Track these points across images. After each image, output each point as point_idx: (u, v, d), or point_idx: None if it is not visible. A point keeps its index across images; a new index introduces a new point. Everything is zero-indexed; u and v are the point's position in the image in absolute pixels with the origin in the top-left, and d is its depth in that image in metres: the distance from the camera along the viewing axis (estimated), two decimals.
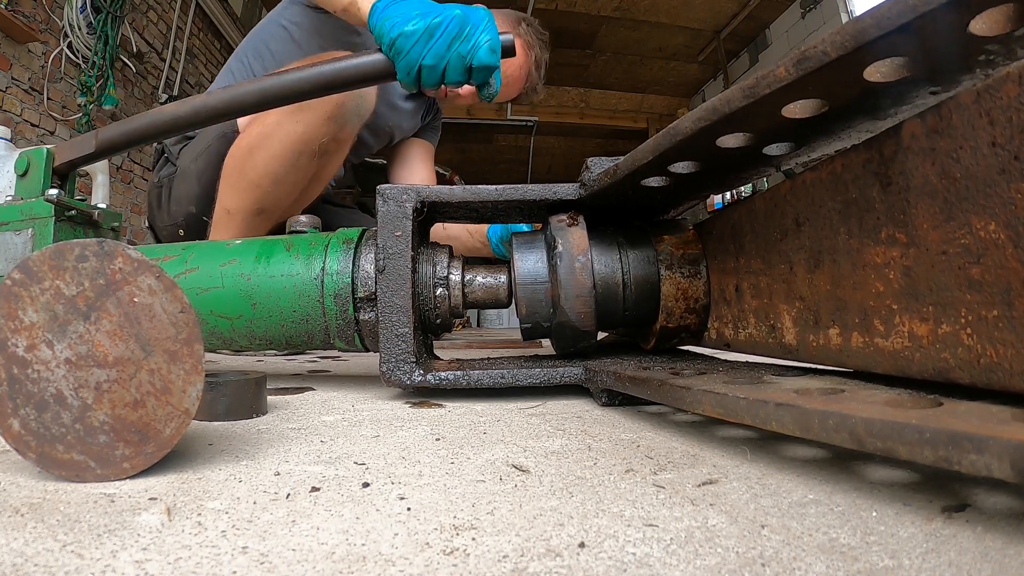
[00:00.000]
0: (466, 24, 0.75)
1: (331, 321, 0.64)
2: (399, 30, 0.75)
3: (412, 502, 0.29)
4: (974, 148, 0.31)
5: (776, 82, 0.36)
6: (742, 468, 0.35)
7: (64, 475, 0.31)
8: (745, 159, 0.50)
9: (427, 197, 0.64)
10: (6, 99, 2.58)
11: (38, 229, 0.74)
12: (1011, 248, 0.30)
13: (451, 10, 0.76)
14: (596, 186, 0.60)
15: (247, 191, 1.14)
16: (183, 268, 0.67)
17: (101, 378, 0.31)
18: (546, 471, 0.35)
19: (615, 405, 0.57)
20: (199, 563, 0.22)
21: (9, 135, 1.10)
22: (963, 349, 0.34)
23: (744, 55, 4.79)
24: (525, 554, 0.23)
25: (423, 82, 0.78)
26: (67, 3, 2.88)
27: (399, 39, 0.74)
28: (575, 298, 0.58)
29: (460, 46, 0.75)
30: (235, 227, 1.16)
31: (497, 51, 0.77)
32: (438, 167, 4.94)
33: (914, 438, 0.23)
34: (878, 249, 0.40)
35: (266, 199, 1.15)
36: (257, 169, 1.13)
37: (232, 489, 0.31)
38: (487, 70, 0.78)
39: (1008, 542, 0.23)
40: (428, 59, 0.75)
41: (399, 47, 0.75)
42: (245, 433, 0.44)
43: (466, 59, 0.76)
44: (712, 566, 0.21)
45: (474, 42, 0.75)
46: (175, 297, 0.32)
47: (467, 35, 0.75)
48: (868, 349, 0.42)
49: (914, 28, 0.30)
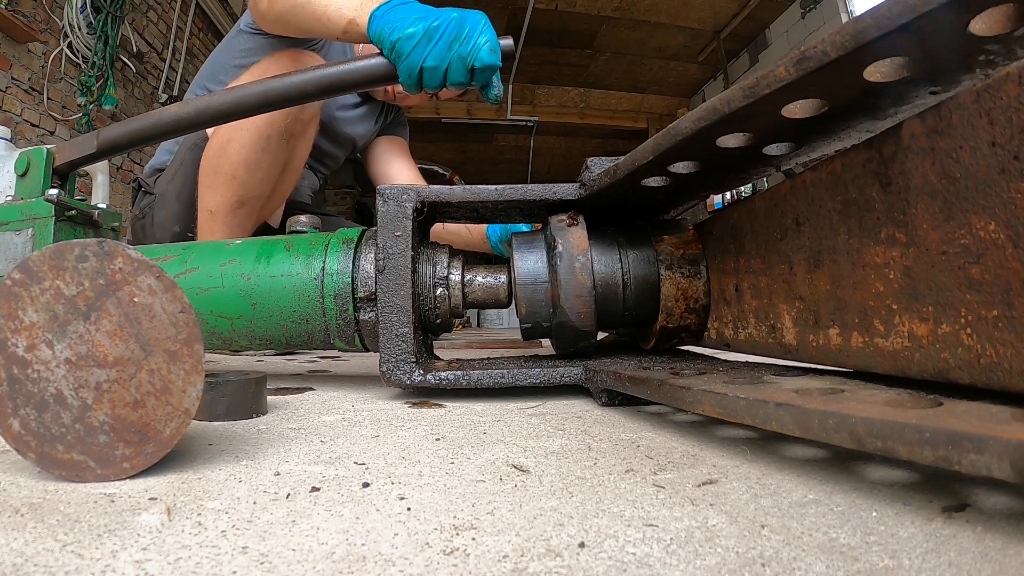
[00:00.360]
0: (464, 26, 0.77)
1: (331, 321, 0.64)
2: (399, 34, 0.76)
3: (412, 502, 0.29)
4: (974, 148, 0.31)
5: (776, 82, 0.36)
6: (742, 468, 0.35)
7: (64, 475, 0.31)
8: (745, 159, 0.50)
9: (427, 197, 0.64)
10: (6, 99, 2.58)
11: (38, 229, 0.74)
12: (1011, 248, 0.30)
13: (448, 13, 0.77)
14: (596, 186, 0.60)
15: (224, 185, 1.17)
16: (183, 268, 0.67)
17: (101, 378, 0.31)
18: (546, 471, 0.35)
19: (615, 405, 0.57)
20: (199, 563, 0.22)
21: (9, 135, 1.10)
22: (963, 349, 0.34)
23: (744, 55, 4.79)
24: (525, 554, 0.23)
25: (425, 83, 0.79)
26: (67, 3, 2.88)
27: (399, 42, 0.76)
28: (575, 298, 0.58)
29: (460, 48, 0.76)
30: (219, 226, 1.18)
31: (497, 52, 0.78)
32: (438, 167, 4.94)
33: (914, 438, 0.23)
34: (878, 249, 0.40)
35: (243, 189, 1.18)
36: (231, 160, 1.16)
37: (232, 489, 0.31)
38: (489, 70, 0.78)
39: (1008, 542, 0.23)
40: (430, 61, 0.76)
41: (400, 50, 0.76)
42: (245, 433, 0.44)
43: (467, 60, 0.77)
44: (712, 566, 0.21)
45: (473, 43, 0.77)
46: (175, 297, 0.32)
47: (466, 37, 0.77)
48: (868, 349, 0.42)
49: (914, 28, 0.30)
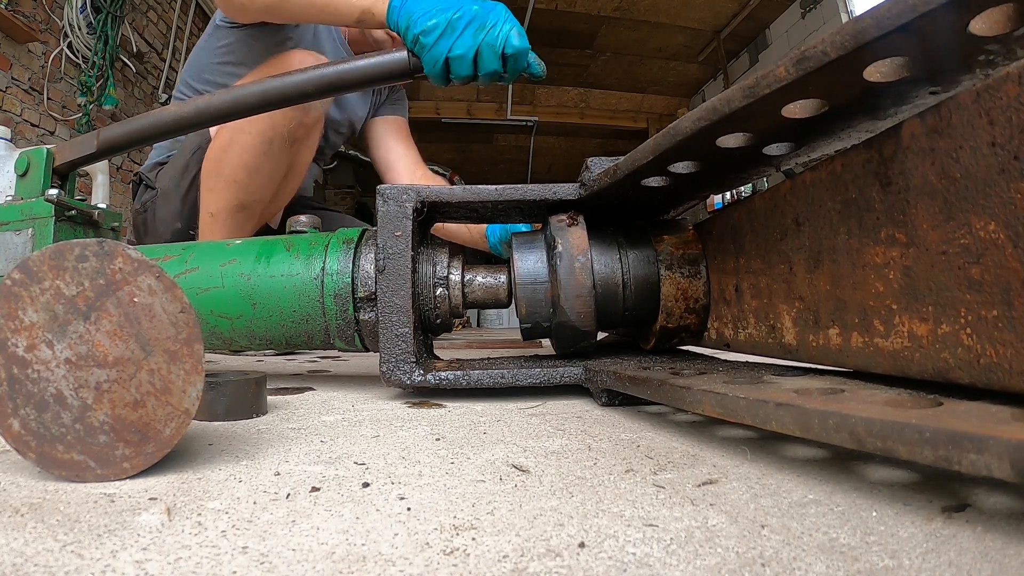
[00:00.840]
0: (487, 16, 0.77)
1: (331, 321, 0.64)
2: (421, 26, 0.76)
3: (412, 502, 0.29)
4: (974, 148, 0.31)
5: (776, 82, 0.36)
6: (742, 468, 0.35)
7: (64, 475, 0.31)
8: (745, 159, 0.50)
9: (427, 197, 0.64)
10: (6, 99, 2.58)
11: (38, 229, 0.74)
12: (1011, 248, 0.30)
13: (469, 4, 0.77)
14: (596, 186, 0.60)
15: (226, 188, 1.16)
16: (183, 268, 0.67)
17: (101, 378, 0.31)
18: (546, 471, 0.35)
19: (615, 405, 0.57)
20: (199, 563, 0.21)
21: (9, 135, 1.10)
22: (963, 349, 0.34)
23: (744, 55, 4.78)
24: (525, 554, 0.23)
25: (453, 73, 0.78)
26: (67, 3, 2.88)
27: (421, 35, 0.76)
28: (575, 298, 0.58)
29: (487, 35, 0.76)
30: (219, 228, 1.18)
31: (523, 35, 0.78)
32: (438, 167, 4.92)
33: (914, 438, 0.23)
34: (878, 249, 0.40)
35: (244, 193, 1.17)
36: (232, 164, 1.15)
37: (232, 489, 0.31)
38: (522, 53, 0.78)
39: (1008, 542, 0.23)
40: (456, 50, 0.76)
41: (423, 43, 0.76)
42: (245, 433, 0.44)
43: (497, 47, 0.77)
44: (712, 566, 0.21)
45: (500, 29, 0.77)
46: (175, 297, 0.32)
47: (491, 25, 0.76)
48: (868, 349, 0.42)
49: (914, 28, 0.30)
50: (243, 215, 1.19)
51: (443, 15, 0.76)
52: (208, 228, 1.18)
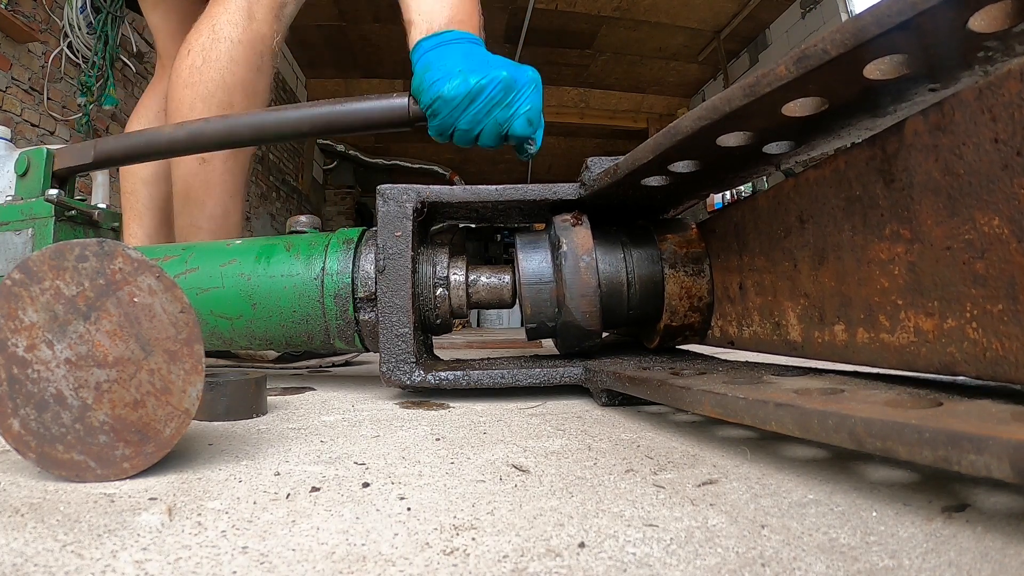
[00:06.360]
0: (511, 91, 0.71)
1: (331, 321, 0.64)
2: (438, 91, 0.70)
3: (412, 502, 0.29)
4: (977, 144, 0.31)
5: (776, 80, 0.36)
6: (742, 468, 0.35)
7: (64, 475, 0.31)
8: (745, 158, 0.50)
9: (427, 197, 0.64)
10: (6, 99, 2.58)
11: (38, 229, 0.74)
12: (1015, 243, 0.30)
13: (498, 70, 0.70)
14: (596, 186, 0.60)
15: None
16: (183, 268, 0.67)
17: (101, 378, 0.31)
18: (546, 471, 0.35)
19: (615, 405, 0.57)
20: (199, 563, 0.21)
21: (9, 135, 1.10)
22: (969, 343, 0.34)
23: (744, 55, 4.78)
24: (525, 554, 0.23)
25: (454, 140, 0.75)
26: (67, 3, 2.88)
27: (437, 103, 0.70)
28: (580, 298, 0.58)
29: (499, 113, 0.71)
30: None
31: (535, 123, 0.74)
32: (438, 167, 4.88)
33: (914, 438, 0.23)
34: (882, 245, 0.40)
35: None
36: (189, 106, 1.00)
37: (232, 489, 0.30)
38: (521, 139, 0.75)
39: (1008, 542, 0.23)
40: (463, 124, 0.71)
41: (436, 110, 0.71)
42: (245, 433, 0.44)
43: (503, 127, 0.72)
44: (712, 566, 0.21)
45: (513, 111, 0.72)
46: (175, 297, 0.32)
47: (509, 102, 0.71)
48: (874, 345, 0.42)
49: (913, 25, 0.30)
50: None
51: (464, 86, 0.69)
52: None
